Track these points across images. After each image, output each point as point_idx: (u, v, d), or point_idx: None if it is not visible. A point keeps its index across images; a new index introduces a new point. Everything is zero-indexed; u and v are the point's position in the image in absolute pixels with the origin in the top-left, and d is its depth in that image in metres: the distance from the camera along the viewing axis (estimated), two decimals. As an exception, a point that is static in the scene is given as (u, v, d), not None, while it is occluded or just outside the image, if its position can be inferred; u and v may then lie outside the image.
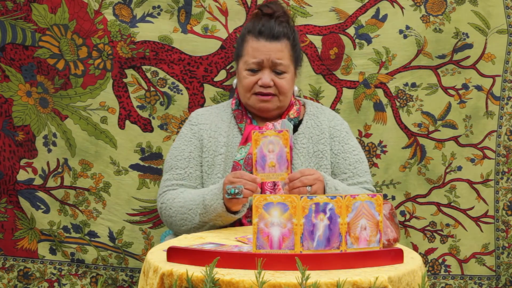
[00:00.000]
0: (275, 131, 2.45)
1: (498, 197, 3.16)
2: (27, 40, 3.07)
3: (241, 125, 2.74)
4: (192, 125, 2.78)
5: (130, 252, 3.15)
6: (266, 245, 1.90)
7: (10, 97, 3.10)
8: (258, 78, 2.69)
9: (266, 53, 2.68)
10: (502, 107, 3.14)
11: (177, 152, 2.74)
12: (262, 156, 2.45)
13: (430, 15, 3.11)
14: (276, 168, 2.46)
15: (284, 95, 2.72)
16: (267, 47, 2.69)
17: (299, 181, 2.46)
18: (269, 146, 2.45)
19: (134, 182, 3.13)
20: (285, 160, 2.44)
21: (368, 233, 1.95)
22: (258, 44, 2.69)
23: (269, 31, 2.69)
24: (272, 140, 2.45)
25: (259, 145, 2.44)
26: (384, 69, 3.12)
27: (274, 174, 2.47)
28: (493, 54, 3.12)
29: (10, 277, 3.15)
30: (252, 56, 2.69)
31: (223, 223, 2.56)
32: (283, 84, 2.70)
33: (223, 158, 2.70)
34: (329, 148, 2.73)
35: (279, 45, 2.70)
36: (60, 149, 3.12)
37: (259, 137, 2.45)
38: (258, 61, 2.69)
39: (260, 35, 2.69)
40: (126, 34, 3.08)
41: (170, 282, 1.87)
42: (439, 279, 3.19)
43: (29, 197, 3.13)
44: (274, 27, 2.69)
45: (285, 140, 2.43)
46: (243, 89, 2.73)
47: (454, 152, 3.16)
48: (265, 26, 2.70)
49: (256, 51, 2.69)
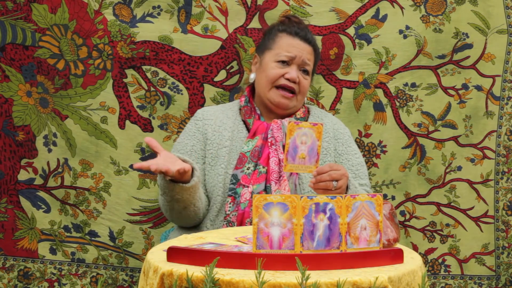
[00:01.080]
0: (310, 124, 2.45)
1: (498, 197, 3.16)
2: (27, 40, 3.07)
3: (250, 120, 2.80)
4: (197, 120, 2.83)
5: (130, 251, 3.15)
6: (266, 245, 1.90)
7: (10, 97, 3.10)
8: (285, 72, 2.78)
9: (300, 50, 2.79)
10: (502, 107, 3.14)
11: (180, 146, 2.79)
12: (294, 147, 2.45)
13: (430, 15, 3.11)
14: (306, 160, 2.46)
15: (302, 96, 2.82)
16: (301, 46, 2.80)
17: (328, 175, 2.50)
18: (302, 138, 2.45)
19: (134, 182, 3.13)
20: (316, 153, 2.45)
21: (368, 233, 1.95)
22: (293, 41, 2.80)
23: (304, 34, 2.82)
24: (306, 132, 2.45)
25: (293, 135, 2.44)
26: (384, 69, 3.13)
27: (303, 166, 2.47)
28: (493, 54, 3.12)
29: (10, 277, 3.15)
30: (286, 50, 2.79)
31: (186, 196, 2.57)
32: (305, 84, 2.81)
33: (228, 150, 2.75)
34: (333, 147, 2.79)
35: (311, 48, 2.83)
36: (61, 149, 3.12)
37: (294, 127, 2.44)
38: (292, 56, 2.78)
39: (296, 35, 2.82)
40: (126, 34, 3.08)
41: (170, 282, 1.87)
42: (439, 279, 3.19)
43: (30, 197, 3.13)
44: (307, 33, 2.84)
45: (318, 134, 2.43)
46: (266, 80, 2.79)
47: (454, 152, 3.16)
48: (300, 29, 2.83)
49: (292, 46, 2.79)
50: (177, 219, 2.69)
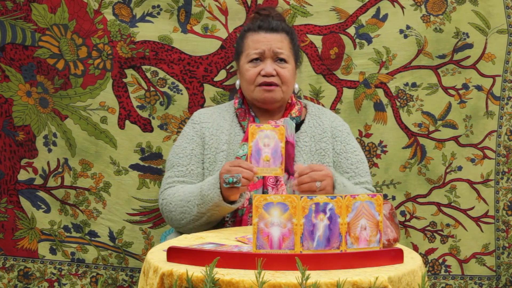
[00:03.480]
0: (272, 126, 2.46)
1: (498, 197, 3.16)
2: (27, 40, 3.07)
3: (244, 123, 2.77)
4: (194, 123, 2.80)
5: (130, 252, 3.15)
6: (266, 245, 1.90)
7: (10, 97, 3.10)
8: (261, 69, 2.74)
9: (266, 43, 2.74)
10: (502, 107, 3.14)
11: (179, 150, 2.76)
12: (257, 149, 2.46)
13: (431, 15, 3.10)
14: (270, 162, 2.46)
15: (287, 86, 2.75)
16: (267, 38, 2.75)
17: (308, 176, 2.46)
18: (265, 140, 2.45)
19: (134, 182, 3.13)
20: (280, 155, 2.45)
21: (368, 233, 1.95)
22: (258, 36, 2.76)
23: (267, 24, 2.77)
24: (268, 134, 2.45)
25: (255, 138, 2.45)
26: (384, 69, 3.12)
27: (268, 169, 2.47)
28: (493, 54, 3.12)
29: (10, 276, 3.15)
30: (253, 48, 2.75)
31: (220, 214, 2.56)
32: (285, 73, 2.74)
33: (225, 155, 2.71)
34: (331, 146, 2.76)
35: (279, 36, 2.77)
36: (60, 149, 3.12)
37: (256, 130, 2.45)
38: (259, 51, 2.74)
39: (259, 28, 2.77)
40: (126, 34, 3.08)
41: (170, 282, 1.87)
42: (439, 279, 3.19)
43: (30, 197, 3.13)
44: (272, 22, 2.78)
45: (281, 135, 2.43)
46: (246, 83, 2.76)
47: (454, 152, 3.16)
48: (263, 21, 2.78)
49: (257, 42, 2.75)
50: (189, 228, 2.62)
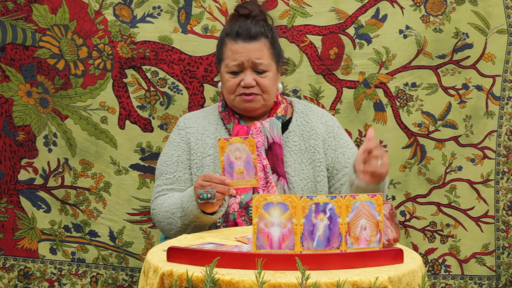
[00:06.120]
0: (241, 138, 2.44)
1: (498, 197, 3.16)
2: (27, 40, 3.07)
3: (229, 126, 2.73)
4: (180, 129, 2.77)
5: (131, 251, 3.16)
6: (266, 245, 1.90)
7: (11, 97, 3.10)
8: (241, 79, 2.68)
9: (245, 54, 2.67)
10: (502, 107, 3.14)
11: (166, 158, 2.73)
12: (229, 163, 2.44)
13: (430, 15, 3.11)
14: (244, 174, 2.45)
15: (268, 94, 2.70)
16: (245, 48, 2.68)
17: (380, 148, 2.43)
18: (236, 153, 2.44)
19: (134, 182, 3.13)
20: (253, 166, 2.43)
21: (368, 233, 1.95)
22: (236, 46, 2.68)
23: (246, 32, 2.68)
24: (239, 147, 2.44)
25: (225, 152, 2.44)
26: (384, 69, 3.13)
27: (243, 181, 2.46)
28: (493, 54, 3.12)
29: (11, 276, 3.15)
30: (232, 59, 2.68)
31: (203, 224, 2.55)
32: (265, 83, 2.68)
33: (212, 159, 2.69)
34: (322, 143, 2.73)
35: (258, 44, 2.69)
36: (61, 149, 3.12)
37: (225, 144, 2.43)
38: (238, 63, 2.67)
39: (238, 37, 2.68)
40: (126, 34, 3.08)
41: (170, 282, 1.87)
42: (439, 279, 3.19)
43: (30, 197, 3.13)
44: (251, 28, 2.69)
45: (251, 147, 2.42)
46: (227, 92, 2.71)
47: (454, 152, 3.16)
48: (242, 27, 2.69)
49: (235, 53, 2.68)
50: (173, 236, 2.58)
